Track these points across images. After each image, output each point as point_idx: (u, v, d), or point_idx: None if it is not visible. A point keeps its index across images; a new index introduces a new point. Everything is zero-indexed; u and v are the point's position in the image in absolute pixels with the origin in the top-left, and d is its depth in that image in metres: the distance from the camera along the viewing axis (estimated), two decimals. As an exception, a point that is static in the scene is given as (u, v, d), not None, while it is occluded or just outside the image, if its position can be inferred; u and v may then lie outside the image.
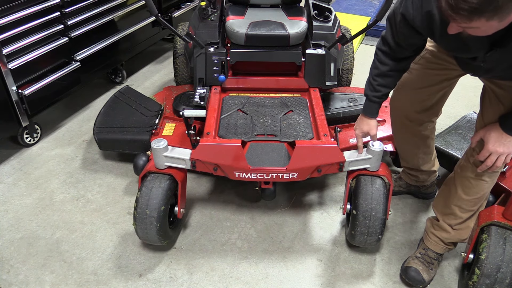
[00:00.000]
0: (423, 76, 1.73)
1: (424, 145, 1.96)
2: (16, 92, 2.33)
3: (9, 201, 2.20)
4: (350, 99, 2.44)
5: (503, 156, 1.47)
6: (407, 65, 1.65)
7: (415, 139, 1.94)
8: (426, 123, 1.88)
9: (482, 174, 1.59)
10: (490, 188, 1.66)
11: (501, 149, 1.46)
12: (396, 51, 1.56)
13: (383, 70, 1.61)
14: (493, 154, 1.48)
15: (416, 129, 1.89)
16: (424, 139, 1.94)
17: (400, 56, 1.59)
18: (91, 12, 2.70)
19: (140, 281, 1.80)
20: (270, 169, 1.75)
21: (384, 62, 1.60)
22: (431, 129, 1.93)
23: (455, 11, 1.03)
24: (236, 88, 2.32)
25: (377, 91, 1.66)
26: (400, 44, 1.53)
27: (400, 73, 1.66)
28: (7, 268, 1.85)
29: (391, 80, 1.65)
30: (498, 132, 1.47)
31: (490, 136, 1.48)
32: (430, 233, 1.81)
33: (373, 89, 1.66)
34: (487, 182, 1.61)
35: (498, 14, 1.00)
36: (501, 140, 1.46)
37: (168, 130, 2.33)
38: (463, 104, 2.97)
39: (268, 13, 2.49)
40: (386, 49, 1.58)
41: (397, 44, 1.54)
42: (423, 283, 1.76)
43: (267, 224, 2.09)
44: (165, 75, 3.44)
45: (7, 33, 2.20)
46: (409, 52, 1.58)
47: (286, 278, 1.83)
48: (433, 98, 1.78)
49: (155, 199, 1.72)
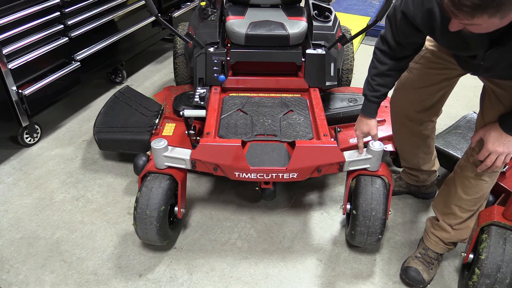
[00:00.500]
0: (424, 75, 1.73)
1: (424, 144, 1.96)
2: (16, 92, 2.33)
3: (9, 201, 2.20)
4: (350, 99, 2.44)
5: (502, 155, 1.48)
6: (406, 65, 1.65)
7: (415, 138, 1.94)
8: (426, 123, 1.88)
9: (482, 174, 1.59)
10: (490, 188, 1.66)
11: (501, 149, 1.46)
12: (395, 50, 1.56)
13: (382, 69, 1.61)
14: (492, 153, 1.48)
15: (416, 129, 1.89)
16: (424, 139, 1.94)
17: (399, 55, 1.58)
18: (91, 12, 2.70)
19: (140, 281, 1.80)
20: (270, 169, 1.75)
21: (383, 61, 1.60)
22: (431, 128, 1.93)
23: (458, 7, 1.03)
24: (236, 88, 2.32)
25: (376, 91, 1.65)
26: (400, 42, 1.53)
27: (399, 73, 1.66)
28: (7, 268, 1.85)
29: (390, 79, 1.64)
30: (497, 132, 1.47)
31: (490, 135, 1.48)
32: (430, 233, 1.81)
33: (372, 89, 1.66)
34: (487, 182, 1.61)
35: (500, 11, 1.01)
36: (500, 140, 1.46)
37: (168, 130, 2.33)
38: (463, 104, 2.97)
39: (268, 13, 2.49)
40: (385, 49, 1.58)
41: (397, 43, 1.53)
42: (423, 283, 1.76)
43: (267, 224, 2.09)
44: (165, 75, 3.45)
45: (7, 33, 2.20)
46: (409, 51, 1.58)
47: (286, 278, 1.83)
48: (433, 98, 1.78)
49: (155, 199, 1.72)
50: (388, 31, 1.55)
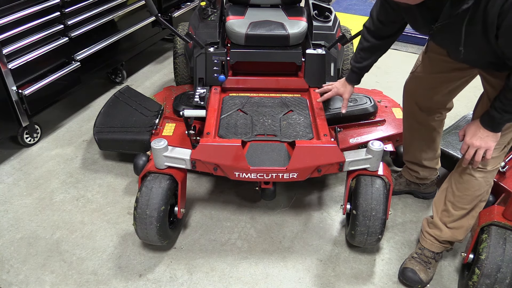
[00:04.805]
0: (437, 61, 1.75)
1: (429, 137, 1.97)
2: (16, 92, 2.33)
3: (9, 201, 2.20)
4: (350, 99, 2.44)
5: (481, 150, 1.50)
6: (387, 45, 1.80)
7: (421, 129, 1.95)
8: (434, 114, 1.90)
9: (468, 169, 1.61)
10: (484, 189, 1.65)
11: (478, 143, 1.50)
12: (379, 28, 1.72)
13: (365, 45, 1.80)
14: (470, 147, 1.52)
15: (424, 118, 1.91)
16: (431, 131, 1.95)
17: (384, 34, 1.74)
18: (91, 12, 2.70)
19: (140, 281, 1.80)
20: (270, 169, 1.75)
21: (367, 38, 1.78)
22: (439, 121, 1.94)
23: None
24: (236, 88, 2.32)
25: (358, 62, 1.85)
26: (382, 20, 1.69)
27: (380, 51, 1.82)
28: (7, 268, 1.85)
29: (371, 55, 1.82)
30: (476, 126, 1.50)
31: (470, 129, 1.53)
32: (425, 232, 1.82)
33: (356, 61, 1.86)
34: (475, 178, 1.62)
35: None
36: (478, 134, 1.49)
37: (168, 130, 2.33)
38: (463, 104, 2.97)
39: (268, 13, 2.49)
40: (370, 26, 1.75)
41: (380, 21, 1.70)
42: (421, 283, 1.76)
43: (267, 224, 2.09)
44: (165, 75, 3.45)
45: (7, 33, 2.21)
46: (391, 30, 1.72)
47: (286, 278, 1.83)
48: (444, 87, 1.79)
49: (155, 199, 1.72)
50: (374, 9, 1.72)
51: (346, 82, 1.95)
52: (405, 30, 1.76)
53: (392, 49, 3.74)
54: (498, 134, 1.48)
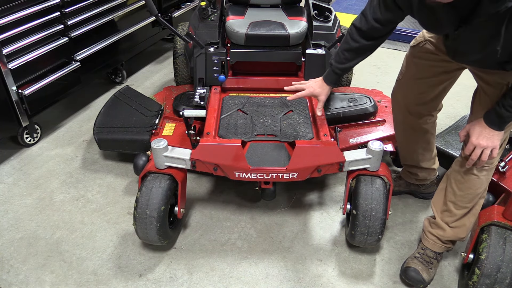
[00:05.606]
0: (423, 66, 1.75)
1: (423, 140, 1.97)
2: (16, 92, 2.33)
3: (9, 201, 2.20)
4: (350, 99, 2.44)
5: (487, 149, 1.50)
6: (375, 47, 1.72)
7: (415, 133, 1.95)
8: (425, 117, 1.89)
9: (471, 168, 1.61)
10: (484, 186, 1.66)
11: (484, 143, 1.49)
12: (372, 29, 1.62)
13: (353, 46, 1.69)
14: (477, 147, 1.51)
15: (416, 122, 1.90)
16: (424, 134, 1.95)
17: (375, 34, 1.65)
18: (91, 12, 2.70)
19: (140, 281, 1.80)
20: (270, 169, 1.75)
21: (355, 39, 1.68)
22: (431, 123, 1.94)
23: None
24: (236, 88, 2.32)
25: (341, 63, 1.76)
26: (379, 20, 1.59)
27: (366, 52, 1.73)
28: (7, 268, 1.85)
29: (357, 57, 1.73)
30: (481, 126, 1.50)
31: (474, 130, 1.51)
32: (427, 232, 1.81)
33: (339, 61, 1.76)
34: (478, 177, 1.62)
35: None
36: (484, 134, 1.49)
37: (168, 130, 2.33)
38: (463, 104, 2.97)
39: (268, 13, 2.49)
40: (361, 26, 1.64)
41: (376, 20, 1.59)
42: (423, 283, 1.76)
43: (267, 224, 2.09)
44: (165, 75, 3.45)
45: (7, 33, 2.21)
46: (384, 30, 1.63)
47: (286, 278, 1.83)
48: (432, 91, 1.79)
49: (155, 199, 1.72)
50: (368, 8, 1.61)
51: (324, 83, 1.85)
52: (405, 30, 1.75)
53: (392, 49, 3.76)
54: (502, 132, 1.49)
